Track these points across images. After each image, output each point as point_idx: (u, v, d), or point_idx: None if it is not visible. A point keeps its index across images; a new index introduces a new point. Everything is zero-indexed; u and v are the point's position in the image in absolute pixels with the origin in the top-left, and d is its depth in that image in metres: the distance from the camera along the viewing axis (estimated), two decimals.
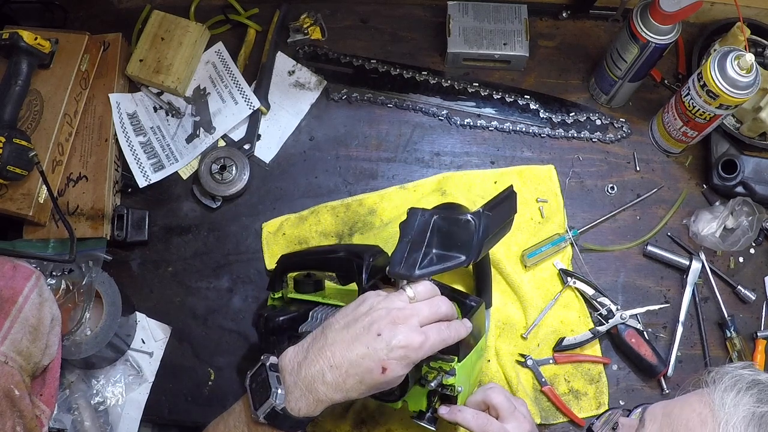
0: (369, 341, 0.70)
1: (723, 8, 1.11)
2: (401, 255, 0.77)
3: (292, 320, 0.87)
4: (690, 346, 1.03)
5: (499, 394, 0.82)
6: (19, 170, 0.97)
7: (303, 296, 0.93)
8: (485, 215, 0.78)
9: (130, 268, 1.07)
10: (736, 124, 1.09)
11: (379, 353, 0.70)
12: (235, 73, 1.13)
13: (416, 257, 0.77)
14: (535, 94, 1.13)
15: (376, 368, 0.70)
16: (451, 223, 0.78)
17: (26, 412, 0.81)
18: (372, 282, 0.83)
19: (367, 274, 0.81)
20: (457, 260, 0.77)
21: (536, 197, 1.07)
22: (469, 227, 0.77)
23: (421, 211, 0.80)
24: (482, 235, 0.77)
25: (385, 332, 0.70)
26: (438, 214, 0.79)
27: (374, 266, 0.83)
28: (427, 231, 0.78)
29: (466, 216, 0.78)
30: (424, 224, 0.79)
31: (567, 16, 1.17)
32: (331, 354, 0.71)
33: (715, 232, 1.03)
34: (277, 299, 0.95)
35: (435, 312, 0.75)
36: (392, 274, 0.77)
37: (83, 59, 1.08)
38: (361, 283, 0.82)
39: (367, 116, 1.13)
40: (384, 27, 1.17)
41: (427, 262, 0.77)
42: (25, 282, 0.86)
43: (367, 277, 0.81)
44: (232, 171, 1.07)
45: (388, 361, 0.70)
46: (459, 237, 0.78)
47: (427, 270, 0.76)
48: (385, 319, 0.71)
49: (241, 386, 1.01)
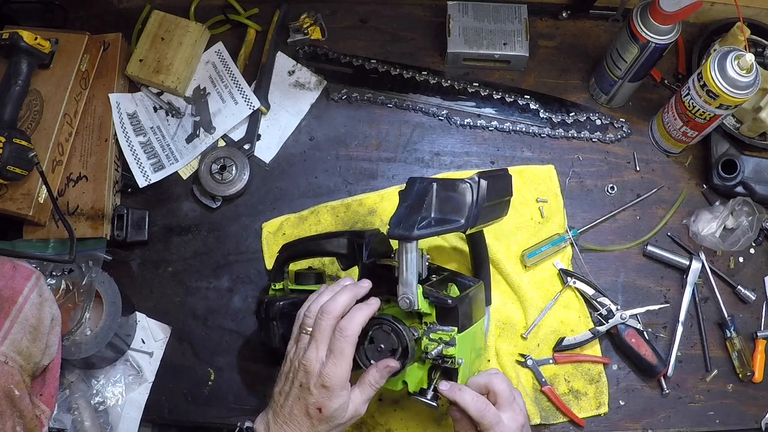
0: (298, 395, 0.78)
1: (723, 8, 1.11)
2: (400, 217, 0.79)
3: (293, 305, 0.88)
4: (690, 346, 1.03)
5: (502, 381, 0.82)
6: (19, 170, 0.97)
7: (304, 287, 0.94)
8: (481, 181, 0.80)
9: (130, 268, 1.07)
10: (736, 124, 1.09)
11: (309, 399, 0.77)
12: (235, 73, 1.13)
13: (415, 219, 0.78)
14: (535, 94, 1.13)
15: (315, 414, 0.77)
16: (448, 188, 0.80)
17: (26, 412, 0.81)
18: (372, 260, 0.84)
19: (368, 251, 0.84)
20: (456, 224, 0.79)
21: (536, 197, 1.07)
22: (465, 192, 0.80)
23: (420, 179, 0.82)
24: (479, 199, 0.79)
25: (303, 381, 0.77)
26: (436, 181, 0.81)
27: (374, 247, 0.85)
28: (425, 196, 0.80)
29: (463, 182, 0.80)
30: (422, 190, 0.81)
31: (567, 16, 1.17)
32: (283, 414, 0.78)
33: (715, 232, 1.03)
34: (278, 290, 0.96)
35: (327, 316, 0.78)
36: (391, 235, 0.78)
37: (83, 59, 1.08)
38: (361, 260, 0.84)
39: (367, 116, 1.13)
40: (384, 27, 1.17)
41: (426, 224, 0.79)
42: (25, 282, 0.86)
43: (367, 254, 0.84)
44: (232, 171, 1.07)
45: (318, 402, 0.76)
46: (456, 201, 0.80)
47: (425, 231, 0.78)
48: (299, 370, 0.78)
49: (242, 387, 1.02)
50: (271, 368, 1.01)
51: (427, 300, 0.80)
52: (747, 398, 1.01)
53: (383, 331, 0.80)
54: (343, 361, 0.76)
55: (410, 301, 0.78)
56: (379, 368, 0.79)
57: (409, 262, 0.78)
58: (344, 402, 0.77)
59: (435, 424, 0.98)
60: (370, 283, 0.82)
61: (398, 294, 0.78)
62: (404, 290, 0.78)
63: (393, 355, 0.80)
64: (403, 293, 0.78)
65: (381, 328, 0.80)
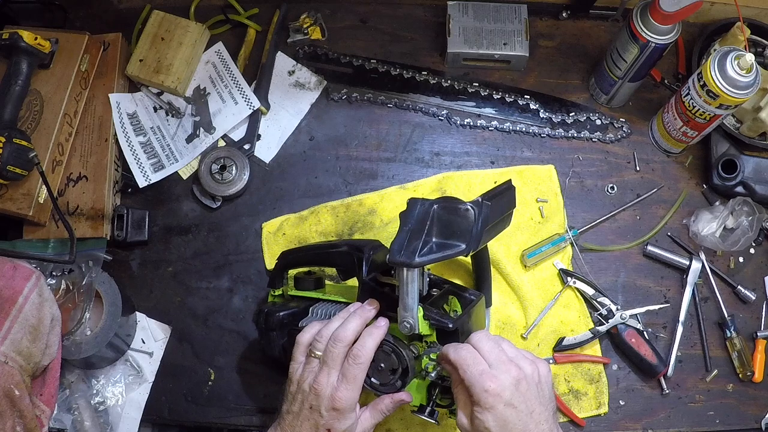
0: (308, 416, 0.78)
1: (723, 8, 1.11)
2: (401, 243, 0.78)
3: (293, 316, 0.87)
4: (690, 346, 1.03)
5: (481, 338, 0.76)
6: (19, 170, 0.97)
7: (303, 293, 0.93)
8: (485, 204, 0.78)
9: (130, 268, 1.07)
10: (736, 124, 1.09)
11: (319, 421, 0.77)
12: (235, 73, 1.13)
13: (416, 245, 0.77)
14: (535, 94, 1.13)
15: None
16: (450, 212, 0.78)
17: (26, 412, 0.81)
18: (372, 275, 0.83)
19: (368, 267, 0.83)
20: (457, 249, 0.77)
21: (536, 197, 1.07)
22: (468, 216, 0.77)
23: (421, 201, 0.80)
24: (482, 223, 0.77)
25: (313, 403, 0.78)
26: (438, 203, 0.80)
27: (374, 260, 0.84)
28: (427, 220, 0.78)
29: (465, 205, 0.78)
30: (424, 213, 0.79)
31: (567, 16, 1.17)
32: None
33: (715, 232, 1.03)
34: (277, 296, 0.96)
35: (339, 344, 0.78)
36: (392, 262, 0.77)
37: (83, 59, 1.08)
38: (361, 276, 0.83)
39: (367, 116, 1.13)
40: (384, 27, 1.17)
41: (427, 250, 0.77)
42: (25, 282, 0.86)
43: (367, 269, 0.83)
44: (232, 171, 1.07)
45: (327, 424, 0.77)
46: (459, 226, 0.78)
47: (426, 258, 0.76)
48: (310, 393, 0.78)
49: (242, 387, 1.02)
50: (271, 368, 1.02)
51: (428, 322, 0.79)
52: (747, 398, 1.01)
53: (384, 352, 0.80)
54: (355, 385, 0.77)
55: (411, 326, 0.77)
56: (394, 399, 0.81)
57: (411, 288, 0.77)
58: (352, 423, 0.78)
59: (435, 424, 0.98)
60: (377, 304, 0.82)
61: (399, 318, 0.78)
62: (405, 315, 0.77)
63: (393, 374, 0.80)
64: (403, 318, 0.78)
65: (382, 348, 0.79)
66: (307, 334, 0.82)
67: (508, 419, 0.71)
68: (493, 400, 0.71)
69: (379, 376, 0.81)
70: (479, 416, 0.72)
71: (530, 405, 0.72)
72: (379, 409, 0.81)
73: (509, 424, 0.71)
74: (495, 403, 0.71)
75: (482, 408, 0.72)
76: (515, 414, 0.71)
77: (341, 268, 0.88)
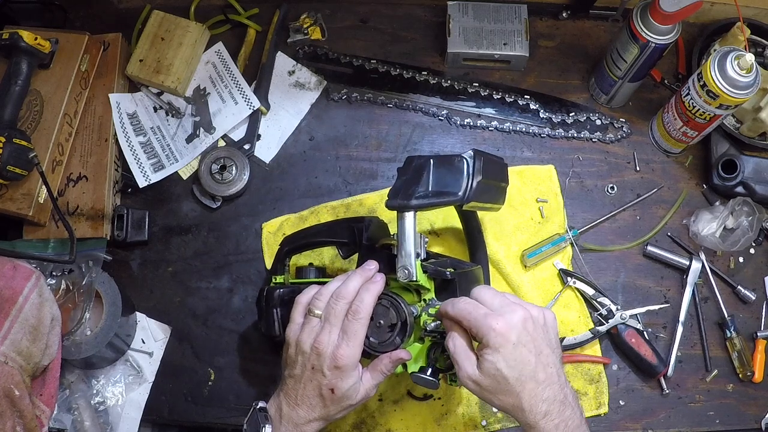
0: (310, 377, 0.78)
1: (723, 8, 1.11)
2: (398, 189, 0.80)
3: (293, 292, 0.88)
4: (690, 346, 1.03)
5: (481, 289, 0.77)
6: (19, 170, 0.97)
7: (305, 280, 0.95)
8: (477, 154, 0.81)
9: (130, 268, 1.07)
10: (736, 124, 1.09)
11: (322, 381, 0.77)
12: (235, 73, 1.13)
13: (413, 190, 0.79)
14: (535, 94, 1.13)
15: (327, 394, 0.77)
16: (445, 163, 0.81)
17: (26, 412, 0.81)
18: (370, 244, 0.85)
19: (367, 234, 0.86)
20: (453, 197, 0.80)
21: (536, 197, 1.07)
22: (462, 165, 0.81)
23: (417, 156, 0.84)
24: (475, 172, 0.80)
25: (315, 363, 0.78)
26: (434, 157, 0.82)
27: (373, 230, 0.87)
28: (423, 170, 0.81)
29: (459, 156, 0.81)
30: (420, 165, 0.82)
31: (567, 16, 1.17)
32: (295, 396, 0.79)
33: (715, 232, 1.03)
34: (278, 284, 0.96)
35: (341, 301, 0.78)
36: (389, 205, 0.79)
37: (83, 59, 1.08)
38: (361, 242, 0.85)
39: (367, 116, 1.13)
40: (384, 27, 1.17)
41: (423, 194, 0.79)
42: (25, 282, 0.86)
43: (367, 236, 0.85)
44: (232, 171, 1.07)
45: (330, 383, 0.77)
46: (453, 175, 0.81)
47: (423, 201, 0.79)
48: (311, 353, 0.78)
49: (242, 387, 1.02)
50: (271, 368, 1.02)
51: (426, 274, 0.80)
52: (747, 398, 1.01)
53: (382, 306, 0.80)
54: (356, 342, 0.77)
55: (409, 272, 0.78)
56: (392, 358, 0.80)
57: (408, 232, 0.78)
58: (355, 382, 0.78)
59: (435, 424, 0.98)
60: (376, 264, 0.82)
61: (397, 265, 0.79)
62: (403, 261, 0.78)
63: (392, 330, 0.80)
64: (402, 264, 0.78)
65: (380, 303, 0.80)
66: (306, 295, 0.83)
67: (518, 358, 0.70)
68: (502, 339, 0.70)
69: (377, 335, 0.81)
70: (489, 358, 0.70)
71: (538, 345, 0.71)
72: (379, 370, 0.80)
73: (519, 365, 0.70)
74: (504, 341, 0.70)
75: (491, 349, 0.70)
76: (525, 353, 0.70)
77: (343, 242, 0.90)
